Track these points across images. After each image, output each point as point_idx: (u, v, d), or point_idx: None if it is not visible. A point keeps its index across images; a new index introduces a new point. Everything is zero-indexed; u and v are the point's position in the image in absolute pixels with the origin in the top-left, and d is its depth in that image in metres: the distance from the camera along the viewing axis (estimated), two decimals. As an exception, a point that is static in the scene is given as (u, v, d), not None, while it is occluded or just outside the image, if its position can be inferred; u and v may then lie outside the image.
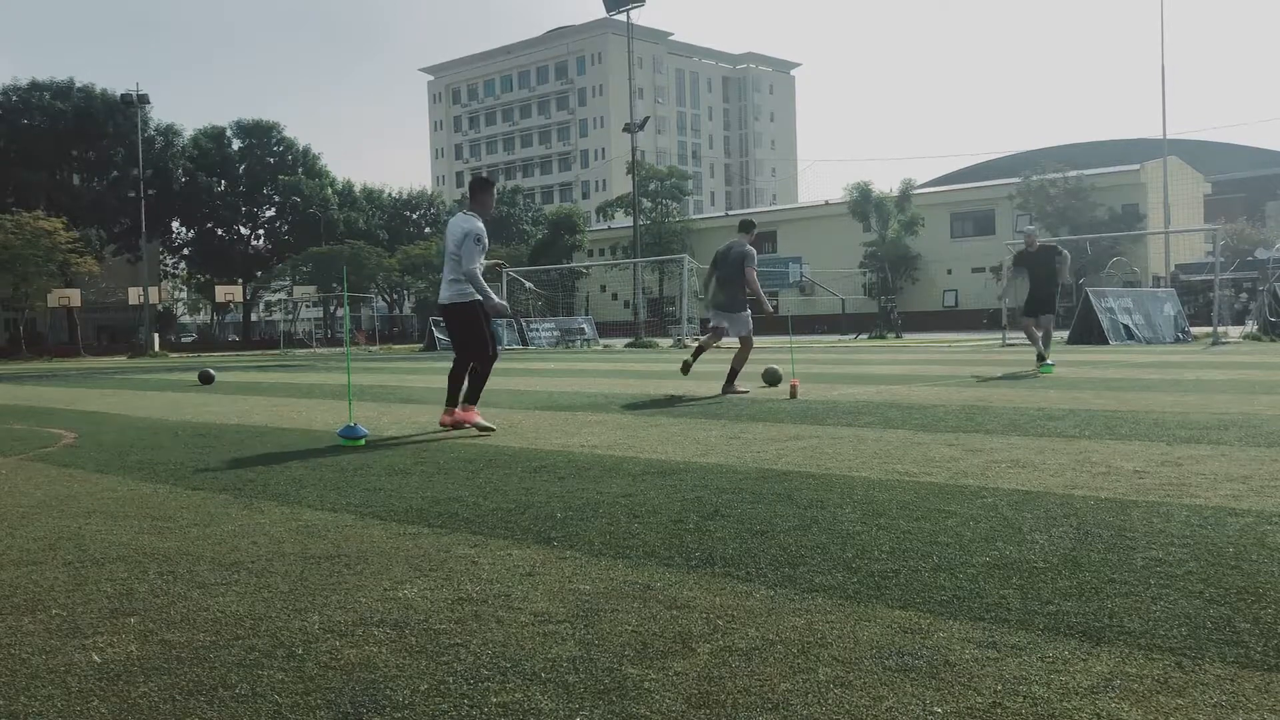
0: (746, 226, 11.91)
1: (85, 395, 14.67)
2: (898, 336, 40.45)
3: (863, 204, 52.10)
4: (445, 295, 7.91)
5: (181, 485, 5.52)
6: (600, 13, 41.67)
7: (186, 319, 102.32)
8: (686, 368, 12.07)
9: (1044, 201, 54.01)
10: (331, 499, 4.95)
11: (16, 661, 2.62)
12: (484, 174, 9.62)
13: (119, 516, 4.63)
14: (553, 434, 7.59)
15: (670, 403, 10.27)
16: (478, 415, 7.93)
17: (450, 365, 8.17)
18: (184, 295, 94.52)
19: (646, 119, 45.24)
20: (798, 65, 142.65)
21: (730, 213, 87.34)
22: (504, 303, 8.18)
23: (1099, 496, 4.52)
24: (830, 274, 58.07)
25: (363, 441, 7.19)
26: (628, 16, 41.22)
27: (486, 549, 3.79)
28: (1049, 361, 13.71)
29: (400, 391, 13.35)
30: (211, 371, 16.72)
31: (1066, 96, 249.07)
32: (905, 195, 52.35)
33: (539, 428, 8.07)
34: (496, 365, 8.42)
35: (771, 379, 12.08)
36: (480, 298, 7.76)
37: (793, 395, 10.36)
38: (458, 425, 7.84)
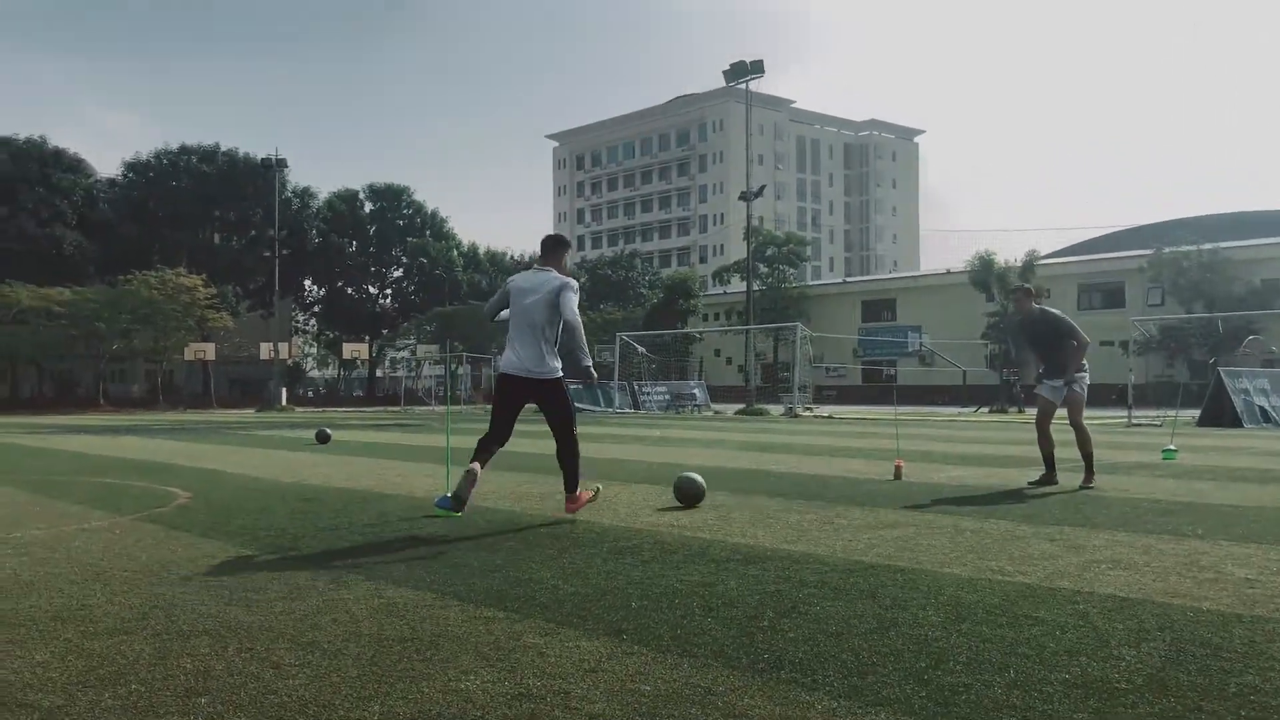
0: (1032, 293, 10.04)
1: (207, 452, 15.26)
2: (1019, 410, 39.33)
3: (984, 274, 51.16)
4: (525, 364, 7.27)
5: (277, 554, 5.67)
6: (723, 80, 42.13)
7: (315, 374, 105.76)
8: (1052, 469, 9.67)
9: (1177, 274, 52.18)
10: (417, 575, 5.03)
11: (87, 741, 2.72)
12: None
13: (212, 586, 4.79)
14: (645, 511, 7.59)
15: (769, 480, 10.16)
16: (583, 496, 7.51)
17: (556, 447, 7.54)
18: (314, 351, 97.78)
19: (763, 188, 45.47)
20: (921, 132, 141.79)
21: (848, 279, 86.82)
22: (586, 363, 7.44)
23: (1200, 607, 4.30)
24: (951, 344, 57.06)
25: (459, 514, 7.29)
26: (747, 87, 41.64)
27: (556, 638, 3.80)
28: (1173, 450, 13.18)
29: (503, 458, 13.51)
30: (328, 431, 17.21)
31: (1203, 166, 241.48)
32: (1029, 266, 51.25)
33: (634, 502, 8.08)
34: (609, 430, 8.45)
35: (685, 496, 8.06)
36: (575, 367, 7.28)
37: (896, 477, 10.16)
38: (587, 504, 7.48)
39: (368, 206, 77.55)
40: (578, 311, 7.12)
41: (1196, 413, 24.58)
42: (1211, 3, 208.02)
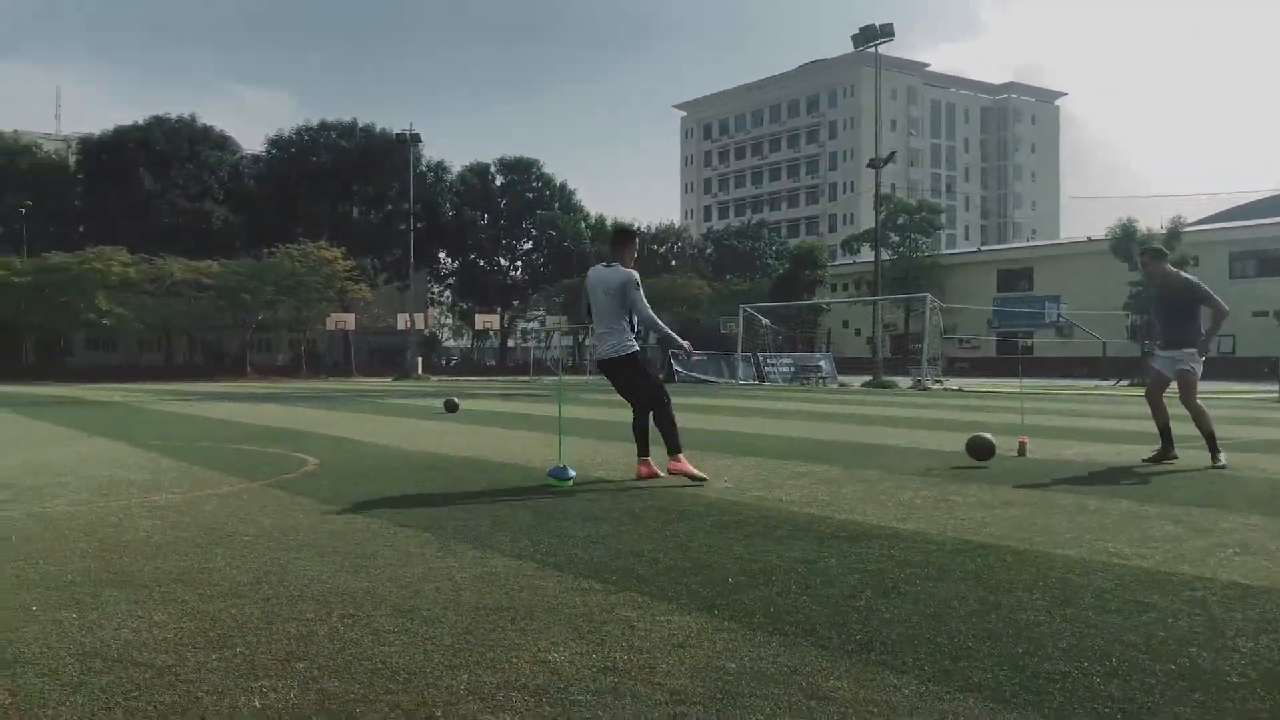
0: (1163, 254, 9.50)
1: (340, 420, 15.81)
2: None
3: (1125, 242, 49.04)
4: (604, 350, 7.89)
5: (392, 521, 5.85)
6: (852, 46, 41.29)
7: (451, 343, 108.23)
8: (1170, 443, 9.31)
9: (1339, 240, 49.16)
10: (521, 545, 5.12)
11: (190, 700, 2.86)
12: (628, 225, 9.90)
13: (326, 552, 4.97)
14: (755, 484, 7.55)
15: (886, 455, 9.99)
16: (687, 464, 7.71)
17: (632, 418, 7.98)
18: (450, 321, 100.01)
19: (892, 154, 44.56)
20: (1063, 94, 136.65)
21: (982, 248, 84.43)
22: (675, 337, 8.57)
23: (1331, 597, 4.07)
24: (1091, 315, 55.02)
25: (569, 483, 7.39)
26: (876, 51, 40.71)
27: (649, 612, 3.82)
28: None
29: (617, 428, 13.60)
30: (456, 401, 17.61)
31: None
32: (1174, 233, 48.91)
33: (745, 477, 8.05)
34: (730, 402, 8.44)
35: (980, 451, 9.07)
36: (636, 349, 7.90)
37: (1021, 453, 9.87)
38: (654, 475, 7.72)
39: (499, 180, 78.81)
40: (646, 303, 7.85)
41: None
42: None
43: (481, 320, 66.93)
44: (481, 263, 79.49)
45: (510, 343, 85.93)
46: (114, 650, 3.33)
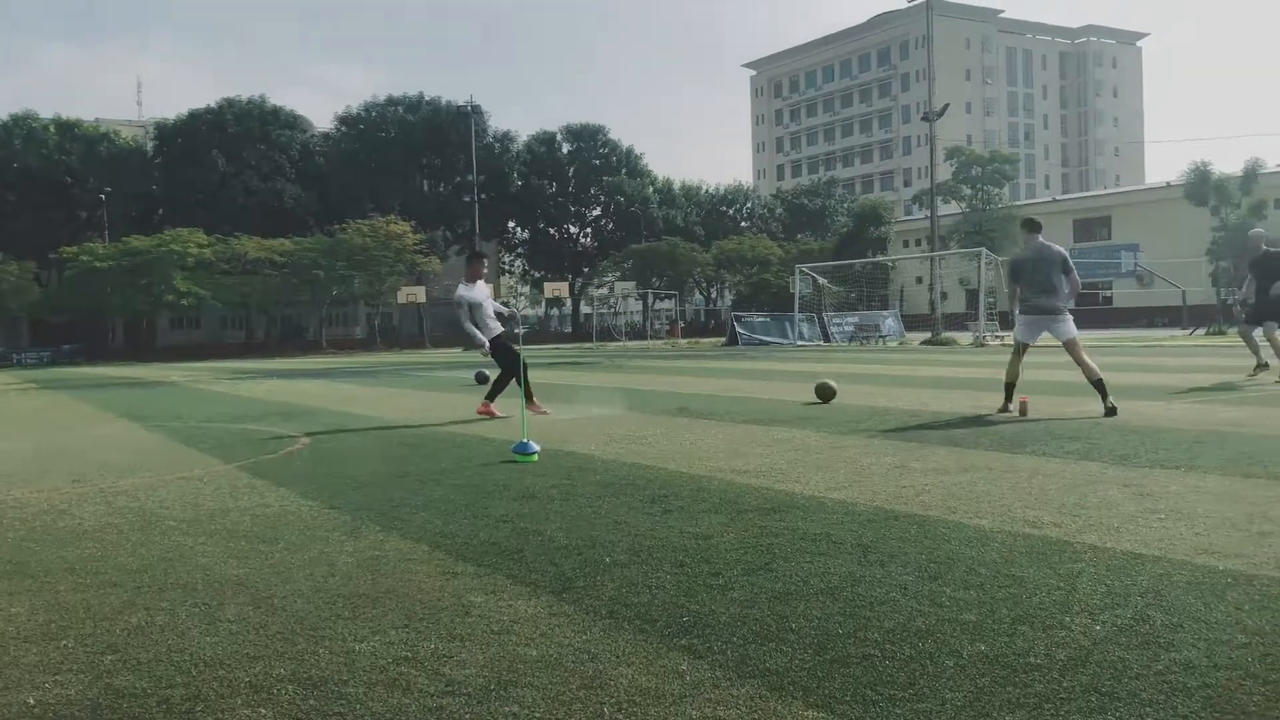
0: (1037, 226, 10.65)
1: (368, 396, 16.06)
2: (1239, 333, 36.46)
3: (1200, 186, 47.26)
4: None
5: (325, 504, 5.92)
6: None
7: (528, 312, 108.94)
8: (1008, 406, 10.06)
9: None
10: (432, 526, 5.15)
11: (-28, 695, 2.94)
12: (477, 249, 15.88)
13: (235, 537, 5.05)
14: (721, 454, 7.48)
15: (896, 416, 9.81)
16: (491, 407, 10.96)
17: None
18: (526, 291, 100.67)
19: (945, 106, 43.56)
20: (1145, 35, 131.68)
21: (1058, 198, 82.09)
22: (477, 335, 11.06)
23: (1217, 567, 3.89)
24: (1171, 263, 53.31)
25: (534, 458, 7.40)
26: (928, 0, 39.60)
27: (500, 597, 3.81)
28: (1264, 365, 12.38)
29: (631, 396, 13.62)
30: (486, 373, 17.71)
31: None
32: (1251, 176, 46.97)
33: (716, 445, 7.98)
34: (754, 366, 8.40)
35: (823, 394, 11.88)
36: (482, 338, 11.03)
37: (1022, 413, 9.62)
38: (543, 413, 10.84)
39: (565, 148, 78.79)
40: (462, 317, 11.05)
41: None
42: None
43: (550, 289, 67.18)
44: (551, 231, 79.75)
45: (586, 309, 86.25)
46: (-48, 643, 3.43)
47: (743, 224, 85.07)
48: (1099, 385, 9.59)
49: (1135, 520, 4.81)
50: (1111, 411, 9.26)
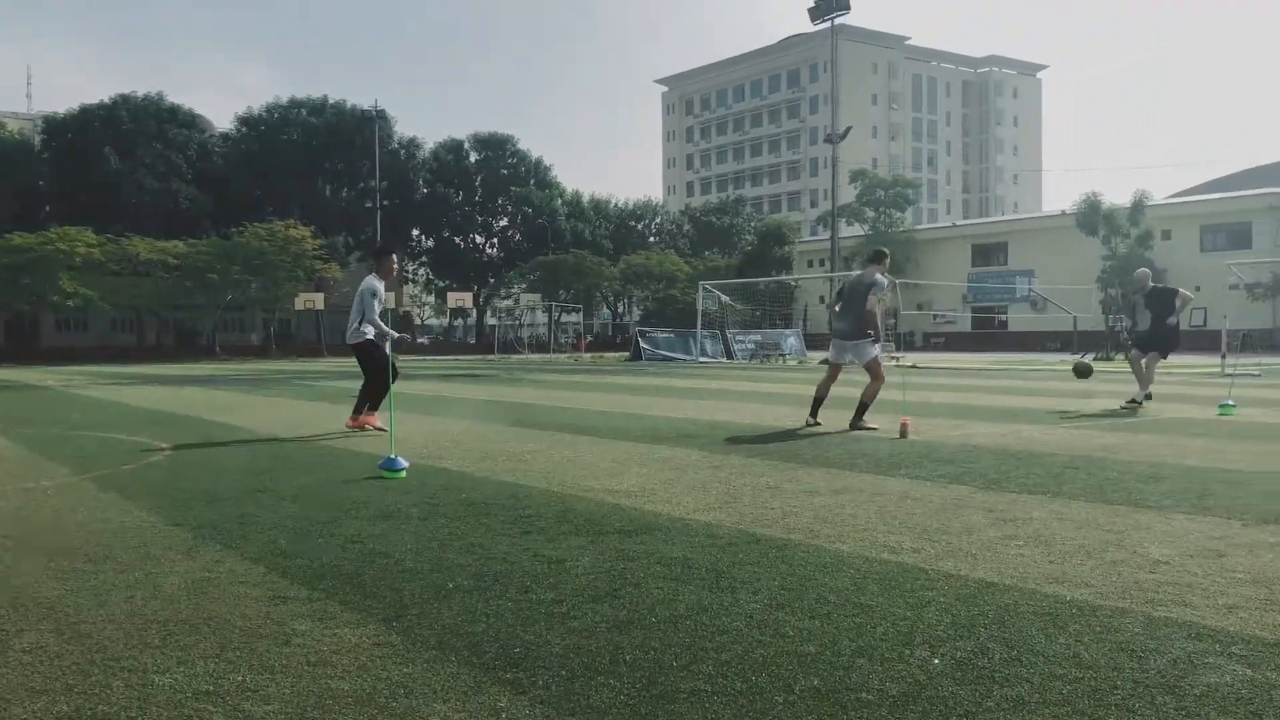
0: (879, 256, 11.33)
1: (248, 404, 15.57)
2: (1126, 358, 37.64)
3: (1091, 216, 48.83)
4: (348, 335, 10.65)
5: (168, 519, 5.61)
6: (809, 20, 40.85)
7: (434, 321, 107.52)
8: (814, 418, 10.88)
9: (1309, 212, 49.02)
10: (277, 546, 4.90)
11: None
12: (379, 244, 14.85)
13: (63, 555, 4.73)
14: (598, 473, 7.32)
15: (769, 438, 9.78)
16: (363, 419, 10.44)
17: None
18: (431, 300, 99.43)
19: (848, 129, 44.29)
20: (1044, 67, 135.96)
21: (957, 223, 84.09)
22: (389, 331, 10.60)
23: (1064, 597, 3.86)
24: (1064, 289, 54.88)
25: (403, 474, 7.16)
26: (832, 24, 40.30)
27: (328, 625, 3.60)
28: (1139, 400, 12.75)
29: (520, 411, 13.42)
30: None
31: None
32: (1138, 207, 48.69)
33: (595, 463, 7.83)
34: (650, 382, 8.30)
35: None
36: (375, 334, 10.50)
37: (902, 435, 9.67)
38: (362, 428, 10.38)
39: (473, 156, 78.16)
40: (371, 307, 10.41)
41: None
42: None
43: (454, 298, 66.38)
44: (456, 240, 78.97)
45: (493, 320, 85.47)
46: None
47: (651, 239, 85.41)
48: (861, 407, 10.55)
49: (994, 547, 4.78)
50: (859, 426, 10.31)
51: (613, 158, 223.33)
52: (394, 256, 10.81)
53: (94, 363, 46.88)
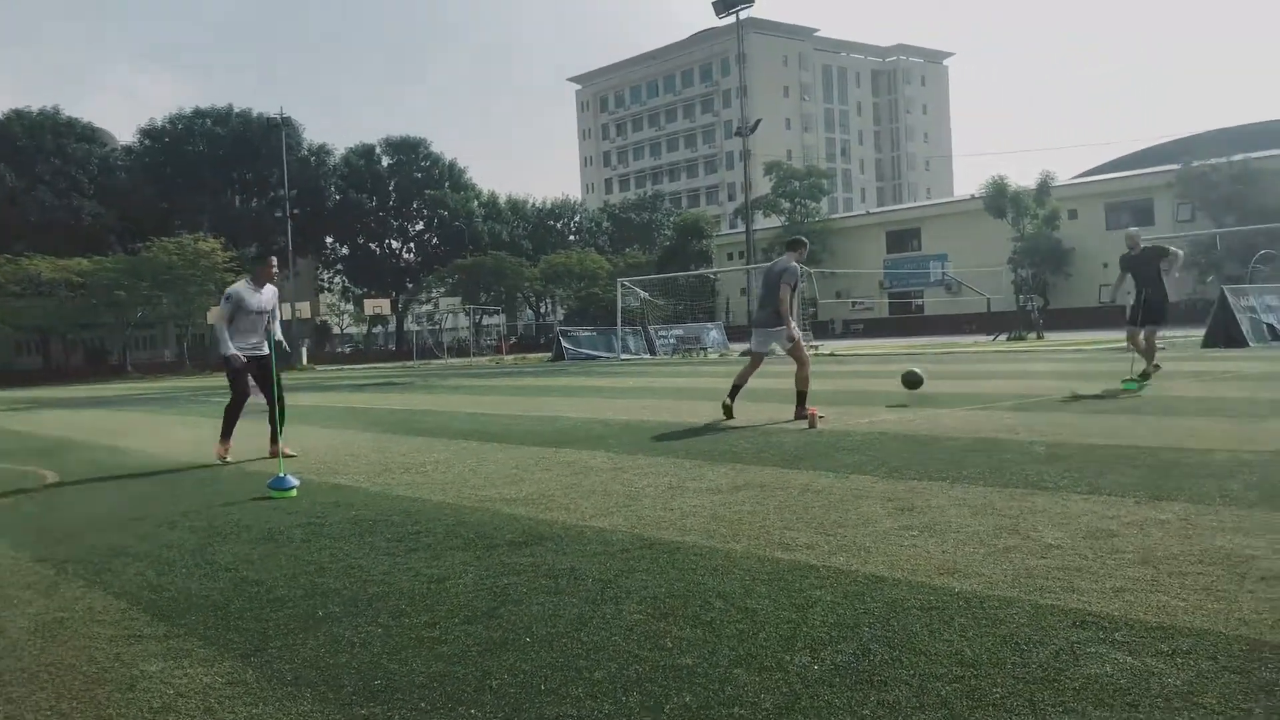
0: (794, 244, 11.24)
1: (149, 425, 15.07)
2: (1038, 337, 38.34)
3: (998, 199, 49.74)
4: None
5: (40, 555, 5.30)
6: (714, 14, 40.93)
7: (354, 329, 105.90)
8: (728, 411, 10.72)
9: (1207, 189, 50.46)
10: (144, 579, 4.63)
11: None
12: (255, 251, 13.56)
13: (-95, 601, 4.42)
14: (498, 481, 7.13)
15: (680, 434, 9.66)
16: (220, 448, 9.38)
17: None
18: (350, 309, 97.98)
19: (758, 122, 44.62)
20: (950, 55, 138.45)
21: (871, 211, 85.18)
22: (233, 354, 9.20)
23: (954, 589, 3.77)
24: (977, 271, 55.82)
25: (293, 493, 6.90)
26: (737, 17, 40.48)
27: (181, 664, 3.37)
28: (1134, 379, 12.41)
29: (428, 419, 13.15)
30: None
31: (1241, 74, 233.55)
32: (1043, 188, 49.71)
33: (496, 471, 7.63)
34: (569, 382, 8.11)
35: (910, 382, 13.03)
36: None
37: (811, 425, 9.62)
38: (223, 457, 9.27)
39: (385, 161, 77.16)
40: (217, 315, 9.34)
41: (1203, 333, 23.63)
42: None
43: (371, 305, 65.46)
44: (372, 246, 77.92)
45: (415, 326, 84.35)
46: None
47: (571, 238, 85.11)
48: (800, 397, 10.55)
49: (888, 539, 4.70)
50: (801, 415, 10.21)
51: (529, 158, 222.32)
52: (272, 263, 9.53)
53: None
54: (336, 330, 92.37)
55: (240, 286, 9.17)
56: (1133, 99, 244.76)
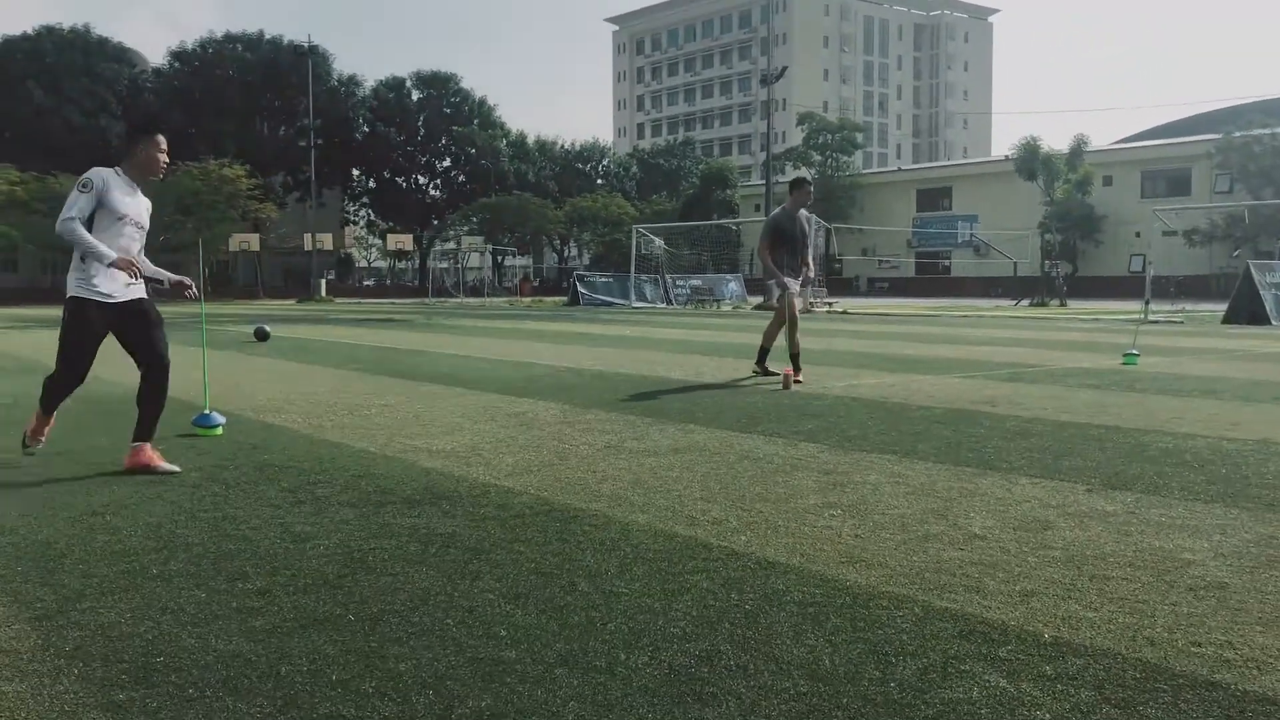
0: (794, 185, 10.39)
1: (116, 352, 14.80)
2: (1061, 304, 37.59)
3: (1029, 161, 48.57)
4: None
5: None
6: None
7: (380, 263, 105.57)
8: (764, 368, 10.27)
9: (1247, 160, 49.10)
10: None
11: None
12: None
13: None
14: (434, 431, 6.78)
15: (649, 390, 9.28)
16: (147, 455, 5.47)
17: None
18: (378, 242, 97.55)
19: (783, 69, 43.61)
20: (996, 11, 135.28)
21: (902, 167, 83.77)
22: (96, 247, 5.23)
23: (844, 581, 3.40)
24: (1006, 234, 54.79)
25: (218, 431, 6.58)
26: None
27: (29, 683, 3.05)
28: (1135, 354, 11.95)
29: (405, 360, 12.84)
30: (267, 329, 16.73)
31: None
32: (1076, 153, 48.51)
33: (439, 419, 7.29)
34: (569, 328, 7.70)
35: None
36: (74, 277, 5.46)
37: (785, 386, 9.22)
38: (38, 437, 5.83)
39: (415, 95, 76.36)
40: (65, 216, 5.25)
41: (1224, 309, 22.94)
42: None
43: (394, 241, 65.21)
44: (399, 180, 77.39)
45: (443, 263, 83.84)
46: None
47: (598, 182, 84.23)
48: (761, 352, 10.39)
49: (804, 517, 4.32)
50: (757, 370, 10.27)
51: (562, 98, 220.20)
52: (159, 141, 5.45)
53: (21, 304, 45.34)
54: (363, 264, 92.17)
55: (107, 173, 5.37)
56: (1177, 70, 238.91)
